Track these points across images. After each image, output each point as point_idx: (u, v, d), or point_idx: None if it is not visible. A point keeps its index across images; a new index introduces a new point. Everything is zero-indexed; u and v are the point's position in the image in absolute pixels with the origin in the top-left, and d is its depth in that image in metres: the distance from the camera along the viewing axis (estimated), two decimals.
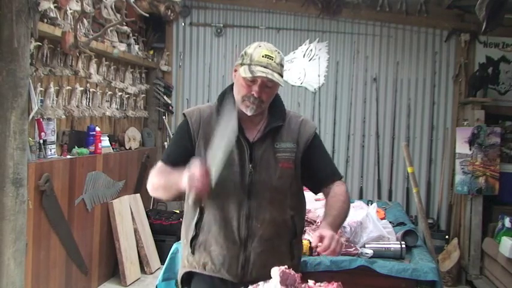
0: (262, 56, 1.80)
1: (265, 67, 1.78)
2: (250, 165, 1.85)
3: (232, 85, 1.97)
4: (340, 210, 1.87)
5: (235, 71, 1.89)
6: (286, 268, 1.52)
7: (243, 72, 1.80)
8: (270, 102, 1.89)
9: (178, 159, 1.86)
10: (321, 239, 1.70)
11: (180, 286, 2.02)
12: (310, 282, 1.53)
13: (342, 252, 2.68)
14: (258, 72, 1.77)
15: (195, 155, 1.87)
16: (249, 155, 1.86)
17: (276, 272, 1.51)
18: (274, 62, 1.80)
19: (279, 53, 1.85)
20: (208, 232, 1.88)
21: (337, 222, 1.85)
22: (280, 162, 1.88)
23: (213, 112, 1.93)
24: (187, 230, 1.95)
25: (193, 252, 1.91)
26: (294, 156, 1.91)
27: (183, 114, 1.99)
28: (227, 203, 1.85)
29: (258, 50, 1.82)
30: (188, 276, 1.97)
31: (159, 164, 1.92)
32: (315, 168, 1.96)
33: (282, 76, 1.83)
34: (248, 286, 1.58)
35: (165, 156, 1.95)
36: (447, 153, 5.45)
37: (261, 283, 1.53)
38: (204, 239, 1.89)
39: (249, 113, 1.84)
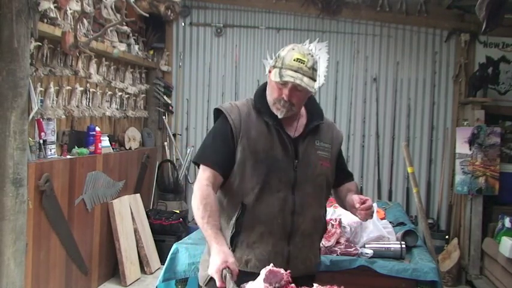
0: (294, 60, 1.80)
1: (295, 71, 1.79)
2: (296, 161, 1.89)
3: (266, 83, 1.98)
4: (357, 191, 2.08)
5: (270, 72, 1.89)
6: (273, 267, 1.52)
7: (273, 75, 1.82)
8: (302, 105, 1.92)
9: (227, 163, 1.86)
10: (363, 201, 1.87)
11: None
12: (315, 286, 1.53)
13: (342, 252, 2.70)
14: (287, 76, 1.78)
15: (237, 152, 1.86)
16: (293, 150, 1.89)
17: (263, 271, 1.50)
18: (306, 66, 1.80)
19: (312, 56, 1.84)
20: (252, 229, 1.87)
21: None
22: (321, 159, 1.94)
23: (251, 109, 1.93)
24: (224, 228, 1.86)
25: (234, 250, 1.85)
26: (330, 156, 1.99)
27: (218, 109, 1.94)
28: (272, 199, 1.86)
29: (290, 53, 1.82)
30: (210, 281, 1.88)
31: (203, 177, 1.83)
32: (339, 171, 2.09)
33: (314, 80, 1.83)
34: None
35: (213, 158, 1.86)
36: (447, 153, 5.45)
37: (250, 282, 1.52)
38: (247, 236, 1.87)
39: (279, 116, 1.86)
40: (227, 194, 1.92)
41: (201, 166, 1.87)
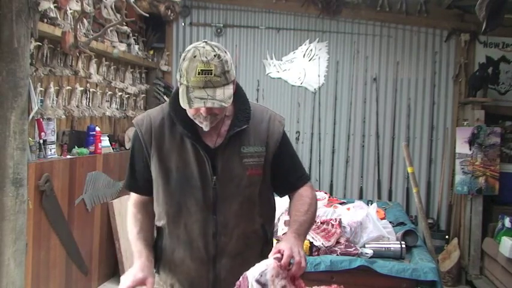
0: (199, 73, 1.50)
1: (203, 87, 1.51)
2: (214, 178, 1.65)
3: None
4: (307, 214, 1.69)
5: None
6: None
7: (181, 98, 1.54)
8: (225, 110, 1.64)
9: (146, 182, 1.74)
10: (280, 253, 1.50)
11: None
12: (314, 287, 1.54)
13: (342, 252, 2.70)
14: (196, 100, 1.51)
15: (151, 169, 1.71)
16: (210, 166, 1.64)
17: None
18: (214, 74, 1.51)
19: (218, 57, 1.53)
20: (172, 253, 1.73)
21: (304, 228, 1.68)
22: (248, 169, 1.67)
23: (166, 119, 1.69)
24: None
25: (158, 272, 1.79)
26: (263, 160, 1.70)
27: (133, 123, 1.76)
28: (190, 222, 1.68)
29: (192, 65, 1.51)
30: None
31: (132, 197, 1.81)
32: (283, 171, 1.76)
33: (228, 83, 1.55)
34: None
35: (132, 183, 1.79)
36: (447, 153, 5.45)
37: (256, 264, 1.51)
38: (169, 260, 1.75)
39: (205, 129, 1.61)
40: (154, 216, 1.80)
41: (131, 194, 1.84)
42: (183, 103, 1.55)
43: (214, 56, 1.53)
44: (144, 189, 1.77)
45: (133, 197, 1.82)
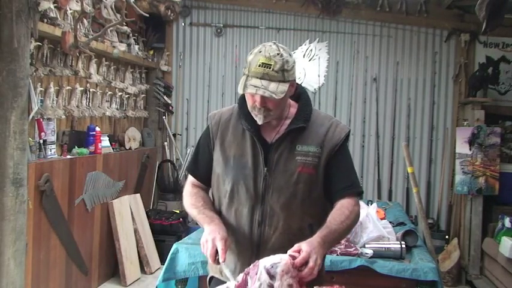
0: (259, 65, 1.66)
1: (260, 78, 1.65)
2: (265, 169, 1.77)
3: None
4: (341, 225, 1.70)
5: None
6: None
7: (240, 84, 1.71)
8: (282, 108, 1.77)
9: (207, 171, 1.89)
10: (299, 253, 1.53)
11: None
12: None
13: (342, 252, 2.70)
14: (250, 87, 1.66)
15: (213, 157, 1.86)
16: (263, 157, 1.77)
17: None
18: (273, 69, 1.65)
19: (281, 56, 1.67)
20: None
21: (333, 237, 1.69)
22: (300, 166, 1.76)
23: (234, 114, 1.87)
24: None
25: None
26: (317, 161, 1.77)
27: (208, 116, 2.00)
28: (240, 208, 1.79)
29: (256, 57, 1.68)
30: (211, 281, 1.93)
31: (190, 180, 1.95)
32: (331, 177, 1.79)
33: (286, 81, 1.68)
34: None
35: (193, 168, 1.95)
36: (447, 153, 5.45)
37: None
38: None
39: (259, 122, 1.75)
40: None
41: (189, 176, 1.98)
42: (239, 88, 1.70)
43: (277, 54, 1.68)
44: (201, 175, 1.92)
45: (191, 180, 1.96)
